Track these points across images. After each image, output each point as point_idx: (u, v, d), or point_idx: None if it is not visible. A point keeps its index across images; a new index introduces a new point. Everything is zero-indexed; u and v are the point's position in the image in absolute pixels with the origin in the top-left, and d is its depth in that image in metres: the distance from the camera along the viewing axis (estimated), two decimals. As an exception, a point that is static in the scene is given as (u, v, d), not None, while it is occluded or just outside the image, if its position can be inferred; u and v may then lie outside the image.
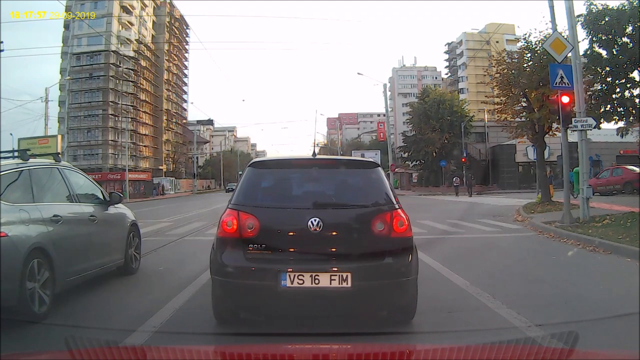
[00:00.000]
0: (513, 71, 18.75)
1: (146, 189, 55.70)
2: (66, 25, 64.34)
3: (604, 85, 13.99)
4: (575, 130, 11.49)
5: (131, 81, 67.67)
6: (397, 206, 4.21)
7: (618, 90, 13.69)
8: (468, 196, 33.20)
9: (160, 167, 73.34)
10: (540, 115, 17.49)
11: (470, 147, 48.00)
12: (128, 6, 66.63)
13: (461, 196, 33.58)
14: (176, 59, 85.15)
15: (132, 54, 67.64)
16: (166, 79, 79.19)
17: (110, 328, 4.41)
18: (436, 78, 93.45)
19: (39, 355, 2.59)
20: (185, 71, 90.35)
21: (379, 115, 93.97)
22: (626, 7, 13.22)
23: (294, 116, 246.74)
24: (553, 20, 13.00)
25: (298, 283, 3.83)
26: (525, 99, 18.84)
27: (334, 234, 4.08)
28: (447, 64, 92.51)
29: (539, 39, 17.20)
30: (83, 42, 64.29)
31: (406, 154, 52.57)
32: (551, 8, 12.63)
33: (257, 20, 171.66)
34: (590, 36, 13.49)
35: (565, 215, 11.32)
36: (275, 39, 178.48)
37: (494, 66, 20.61)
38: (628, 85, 13.78)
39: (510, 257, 8.32)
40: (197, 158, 77.08)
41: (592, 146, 19.51)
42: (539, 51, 17.28)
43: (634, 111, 14.01)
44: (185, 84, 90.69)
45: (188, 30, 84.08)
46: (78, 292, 5.44)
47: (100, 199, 6.45)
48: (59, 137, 31.77)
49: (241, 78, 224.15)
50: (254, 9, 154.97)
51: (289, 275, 3.83)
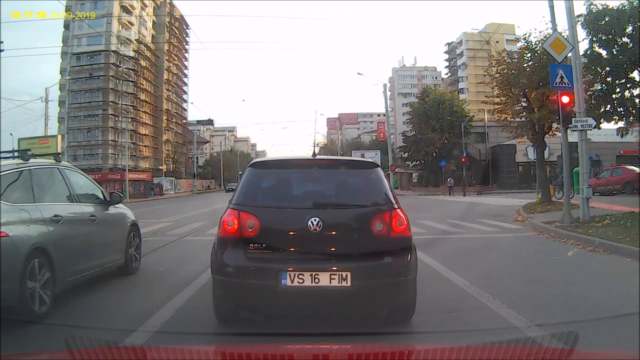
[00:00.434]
0: (513, 71, 18.75)
1: (146, 189, 55.68)
2: (66, 25, 64.33)
3: (604, 85, 13.99)
4: (575, 130, 11.50)
5: (131, 81, 67.67)
6: (396, 206, 4.24)
7: (618, 90, 13.68)
8: (462, 196, 34.09)
9: (160, 167, 73.34)
10: (540, 115, 17.49)
11: (470, 147, 47.99)
12: (128, 6, 66.63)
13: (456, 196, 34.17)
14: (176, 59, 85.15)
15: (132, 54, 67.64)
16: (166, 79, 79.19)
17: (110, 328, 4.40)
18: (436, 78, 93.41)
19: (39, 355, 2.59)
20: (185, 71, 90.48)
21: (379, 115, 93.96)
22: (626, 7, 13.22)
23: (294, 116, 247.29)
24: (553, 20, 13.02)
25: (298, 282, 3.86)
26: (525, 99, 18.84)
27: (334, 233, 4.11)
28: (447, 64, 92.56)
29: (539, 39, 17.21)
30: (83, 42, 64.29)
31: (406, 154, 52.57)
32: (551, 8, 12.65)
33: (257, 20, 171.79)
34: (590, 36, 13.49)
35: (565, 215, 11.32)
36: (275, 39, 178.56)
37: (494, 66, 20.62)
38: (628, 85, 13.78)
39: (511, 257, 8.32)
40: (197, 158, 77.07)
41: (592, 146, 19.51)
42: (539, 51, 17.28)
43: (634, 111, 14.00)
44: (185, 84, 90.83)
45: (188, 30, 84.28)
46: (78, 292, 5.43)
47: (100, 199, 6.46)
48: (59, 137, 31.81)
49: (241, 78, 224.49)
50: (254, 9, 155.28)
51: (289, 274, 3.86)
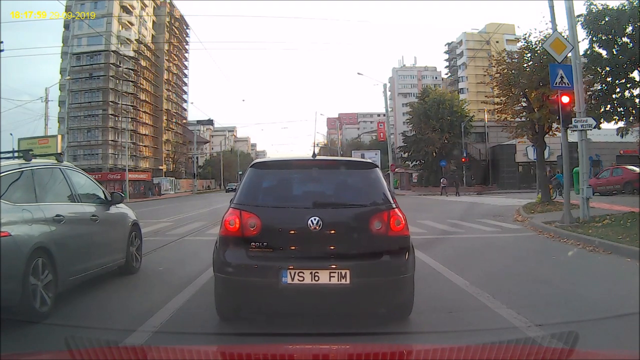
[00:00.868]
0: (513, 71, 18.77)
1: (145, 189, 55.62)
2: (66, 25, 64.31)
3: (604, 85, 13.99)
4: (575, 130, 11.50)
5: (131, 81, 67.66)
6: (394, 205, 4.30)
7: (618, 90, 13.68)
8: (455, 196, 34.73)
9: (160, 167, 73.33)
10: (540, 115, 17.51)
11: (470, 147, 47.97)
12: (128, 6, 66.62)
13: (449, 196, 34.89)
14: (176, 59, 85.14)
15: (132, 54, 67.62)
16: (166, 79, 79.18)
17: (110, 328, 4.41)
18: (436, 78, 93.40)
19: (39, 355, 2.59)
20: (185, 71, 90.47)
21: (379, 115, 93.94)
22: (626, 7, 13.22)
23: (294, 116, 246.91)
24: (553, 20, 13.02)
25: (298, 280, 3.93)
26: (525, 99, 18.86)
27: (333, 232, 4.17)
28: (447, 64, 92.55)
29: (539, 39, 17.22)
30: (83, 42, 64.28)
31: (406, 154, 52.53)
32: (551, 8, 12.65)
33: (257, 20, 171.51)
34: (590, 36, 13.49)
35: (565, 215, 11.32)
36: (275, 39, 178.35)
37: (494, 66, 20.64)
38: (628, 85, 13.77)
39: (510, 257, 8.32)
40: (197, 158, 77.04)
41: (592, 146, 19.51)
42: (539, 51, 17.29)
43: (634, 111, 14.00)
44: (185, 84, 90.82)
45: (188, 30, 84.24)
46: (78, 292, 5.43)
47: (101, 199, 6.49)
48: (59, 137, 31.83)
49: (241, 78, 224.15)
50: (254, 9, 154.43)
51: (290, 272, 3.93)
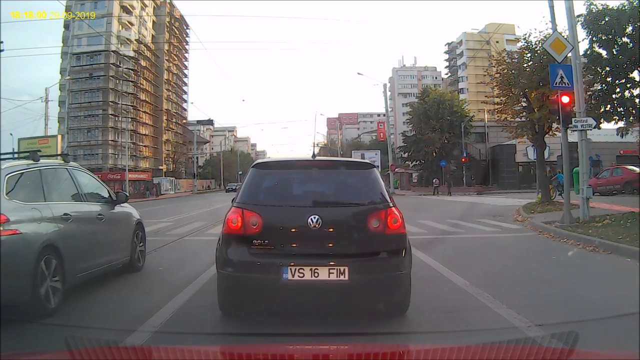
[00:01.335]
0: (513, 71, 18.76)
1: (144, 189, 55.48)
2: (66, 25, 64.29)
3: (604, 85, 13.97)
4: (575, 130, 11.50)
5: (131, 81, 67.64)
6: (392, 204, 4.42)
7: (618, 90, 13.67)
8: (447, 195, 36.14)
9: (160, 167, 73.33)
10: (540, 115, 17.50)
11: (470, 147, 47.98)
12: (128, 6, 66.61)
13: (440, 195, 36.51)
14: (176, 59, 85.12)
15: (132, 54, 67.60)
16: (166, 79, 79.16)
17: (110, 328, 4.41)
18: (436, 78, 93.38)
19: (39, 356, 2.59)
20: (185, 71, 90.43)
21: (379, 115, 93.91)
22: (626, 7, 13.21)
23: (294, 116, 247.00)
24: (553, 20, 13.02)
25: (299, 276, 4.05)
26: (525, 99, 18.85)
27: (332, 230, 4.28)
28: (447, 64, 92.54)
29: (539, 39, 17.21)
30: (83, 42, 64.25)
31: (406, 154, 52.56)
32: (551, 8, 12.65)
33: (257, 20, 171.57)
34: (590, 36, 13.48)
35: (565, 215, 11.32)
36: (275, 39, 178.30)
37: (494, 66, 20.64)
38: (628, 85, 13.76)
39: (510, 257, 8.32)
40: (197, 158, 77.03)
41: (592, 146, 19.48)
42: (539, 51, 17.29)
43: (634, 111, 13.99)
44: (185, 84, 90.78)
45: (188, 30, 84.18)
46: (78, 292, 5.42)
47: (106, 198, 6.61)
48: (59, 137, 31.82)
49: (241, 78, 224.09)
50: (254, 9, 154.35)
51: (290, 269, 4.05)
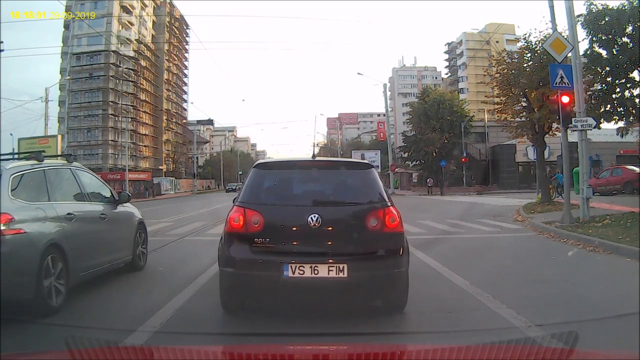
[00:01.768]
0: (513, 71, 18.76)
1: (145, 189, 55.31)
2: (66, 25, 64.27)
3: (604, 85, 13.96)
4: (575, 130, 11.49)
5: (131, 81, 67.62)
6: (389, 204, 4.52)
7: (618, 90, 13.66)
8: (440, 195, 37.65)
9: (160, 167, 73.32)
10: (540, 115, 17.49)
11: (470, 147, 47.95)
12: (128, 6, 66.60)
13: (434, 195, 38.16)
14: (176, 59, 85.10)
15: (132, 54, 67.59)
16: (166, 79, 79.14)
17: (110, 328, 4.41)
18: (436, 78, 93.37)
19: (39, 356, 2.59)
20: (185, 71, 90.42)
21: (379, 115, 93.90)
22: (626, 7, 13.20)
23: (294, 116, 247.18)
24: (553, 20, 13.01)
25: (299, 273, 4.15)
26: (525, 99, 18.85)
27: (332, 229, 4.37)
28: (447, 64, 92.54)
29: (539, 39, 17.21)
30: (83, 42, 64.23)
31: (406, 154, 52.44)
32: (551, 8, 12.64)
33: (257, 20, 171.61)
34: (590, 36, 13.47)
35: (565, 215, 11.32)
36: (275, 39, 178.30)
37: (494, 66, 20.63)
38: (628, 85, 13.75)
39: (511, 257, 8.31)
40: (197, 158, 76.99)
41: (592, 146, 19.47)
42: (539, 51, 17.29)
43: (634, 111, 13.98)
44: (185, 84, 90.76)
45: (188, 30, 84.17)
46: (77, 292, 5.42)
47: (109, 198, 6.66)
48: (59, 137, 31.82)
49: (241, 78, 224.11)
50: (254, 9, 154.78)
51: (291, 266, 4.15)
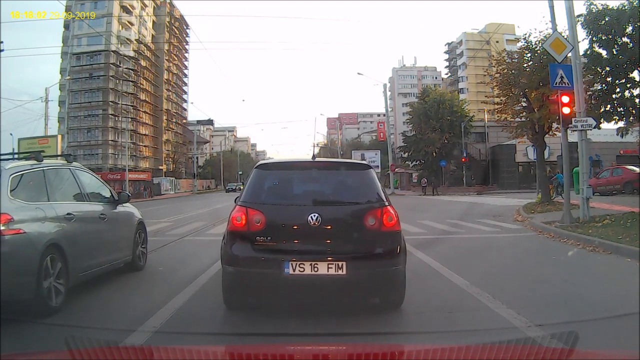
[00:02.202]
0: (513, 71, 18.75)
1: (144, 189, 55.08)
2: (66, 25, 64.25)
3: (604, 85, 13.97)
4: (575, 130, 11.49)
5: (131, 81, 67.61)
6: (387, 203, 4.63)
7: (618, 90, 13.66)
8: (432, 195, 38.40)
9: (160, 167, 73.29)
10: (540, 115, 17.49)
11: (470, 147, 47.93)
12: (128, 6, 66.58)
13: (427, 194, 39.19)
14: (176, 59, 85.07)
15: (132, 54, 67.56)
16: (166, 79, 79.11)
17: (110, 328, 4.41)
18: (436, 78, 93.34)
19: (39, 356, 2.59)
20: (185, 71, 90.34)
21: (379, 115, 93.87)
22: (626, 7, 13.20)
23: (294, 116, 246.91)
24: (553, 20, 13.01)
25: (299, 271, 4.27)
26: (525, 99, 18.84)
27: (331, 227, 4.49)
28: (447, 64, 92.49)
29: (539, 39, 17.20)
30: (83, 42, 64.21)
31: (406, 154, 52.49)
32: (551, 8, 12.64)
33: (257, 20, 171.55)
34: (590, 36, 13.47)
35: (565, 216, 11.31)
36: (275, 39, 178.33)
37: (494, 66, 20.62)
38: (628, 85, 13.75)
39: (510, 257, 8.31)
40: (197, 158, 76.96)
41: (592, 146, 19.48)
42: (539, 51, 17.28)
43: (634, 111, 13.98)
44: (185, 84, 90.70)
45: (188, 30, 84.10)
46: (77, 293, 5.42)
47: (109, 198, 6.66)
48: (59, 137, 31.79)
49: (241, 78, 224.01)
50: (254, 9, 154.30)
51: (292, 264, 4.27)
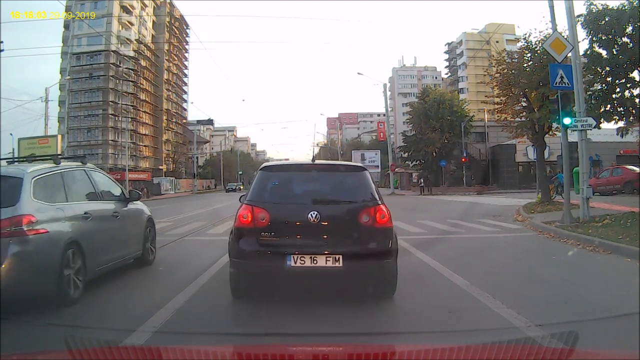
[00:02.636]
0: (513, 71, 18.76)
1: (141, 189, 54.89)
2: (66, 25, 64.27)
3: (604, 85, 13.96)
4: (576, 130, 11.49)
5: (131, 81, 67.62)
6: (380, 202, 5.05)
7: (618, 90, 13.64)
8: (429, 195, 39.14)
9: (161, 167, 73.28)
10: (540, 115, 17.49)
11: (470, 147, 47.91)
12: (128, 6, 66.59)
13: (424, 194, 40.10)
14: (176, 59, 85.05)
15: (132, 53, 67.57)
16: (166, 79, 79.10)
17: (110, 328, 4.41)
18: (436, 78, 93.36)
19: (39, 356, 2.58)
20: (185, 71, 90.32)
21: (379, 115, 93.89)
22: (626, 7, 13.18)
23: (294, 116, 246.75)
24: (553, 20, 13.01)
25: (300, 263, 4.70)
26: (525, 99, 18.86)
27: (329, 224, 4.89)
28: (447, 63, 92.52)
29: (539, 39, 17.21)
30: (83, 42, 64.23)
31: (406, 153, 52.44)
32: (551, 8, 12.64)
33: (258, 20, 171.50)
34: (590, 36, 13.44)
35: (565, 215, 11.31)
36: (275, 38, 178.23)
37: (494, 66, 20.63)
38: (628, 85, 13.73)
39: (511, 257, 8.31)
40: (197, 158, 76.93)
41: (592, 146, 19.43)
42: (539, 51, 17.28)
43: (634, 111, 13.96)
44: (185, 84, 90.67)
45: (188, 30, 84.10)
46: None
47: (120, 196, 7.01)
48: (59, 137, 31.74)
49: (241, 78, 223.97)
50: (254, 8, 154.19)
51: (293, 257, 4.70)
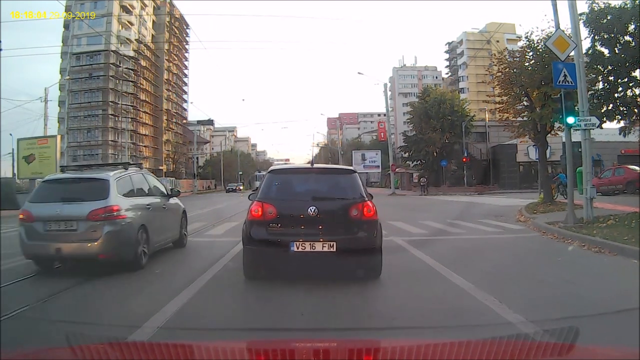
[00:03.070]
0: (514, 70, 18.65)
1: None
2: (66, 25, 64.20)
3: (606, 84, 13.93)
4: (579, 129, 11.40)
5: (131, 81, 67.56)
6: (367, 199, 6.16)
7: (620, 89, 13.63)
8: (426, 195, 39.17)
9: (161, 167, 73.22)
10: (542, 114, 17.42)
11: (471, 147, 47.83)
12: (128, 6, 66.56)
13: (423, 195, 39.66)
14: (176, 58, 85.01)
15: (132, 53, 67.49)
16: (166, 79, 79.04)
17: (112, 324, 4.41)
18: (437, 78, 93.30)
19: (40, 354, 2.54)
20: (185, 71, 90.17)
21: (379, 115, 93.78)
22: (628, 6, 13.17)
23: (294, 116, 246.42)
24: (556, 18, 12.90)
25: (301, 249, 5.78)
26: (526, 98, 18.76)
27: (325, 217, 5.98)
28: (448, 63, 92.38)
29: (541, 37, 17.11)
30: (83, 42, 64.14)
31: (407, 153, 52.35)
32: (554, 5, 12.56)
33: (258, 20, 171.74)
34: (592, 35, 13.44)
35: (568, 216, 11.21)
36: (275, 38, 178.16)
37: (496, 65, 20.52)
38: (630, 84, 13.71)
39: (513, 258, 8.25)
40: (197, 158, 76.90)
41: (593, 146, 19.38)
42: (540, 49, 17.21)
43: (636, 110, 13.95)
44: (185, 84, 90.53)
45: (188, 30, 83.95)
46: (77, 293, 5.40)
47: (164, 192, 9.15)
48: (59, 137, 31.55)
49: (241, 78, 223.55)
50: (254, 8, 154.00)
51: (296, 243, 5.78)
